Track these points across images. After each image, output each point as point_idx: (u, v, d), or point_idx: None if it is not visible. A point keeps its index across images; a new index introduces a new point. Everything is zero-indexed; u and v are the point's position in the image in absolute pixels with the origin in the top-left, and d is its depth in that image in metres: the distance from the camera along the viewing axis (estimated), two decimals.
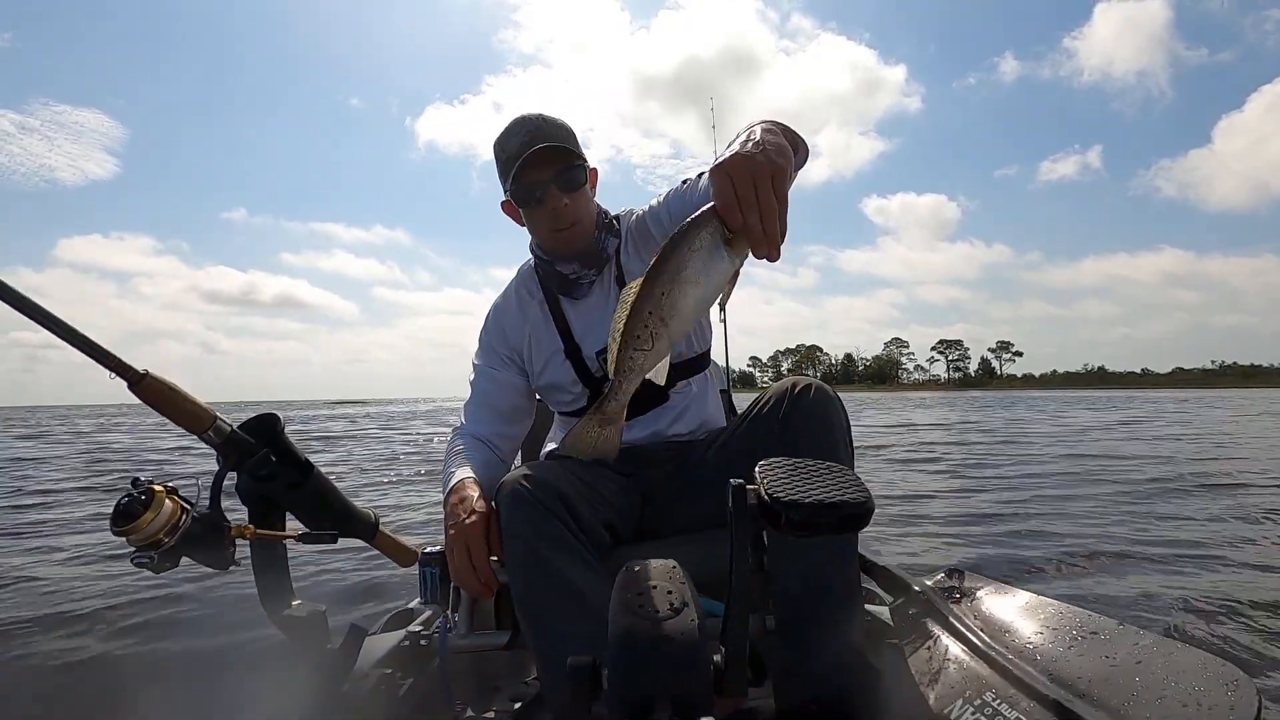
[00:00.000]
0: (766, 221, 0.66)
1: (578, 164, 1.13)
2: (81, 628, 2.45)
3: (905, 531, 3.49)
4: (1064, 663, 0.84)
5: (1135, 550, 2.97)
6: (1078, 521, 3.63)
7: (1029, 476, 5.62)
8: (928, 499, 4.54)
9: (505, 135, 1.14)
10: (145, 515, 0.78)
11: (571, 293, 1.22)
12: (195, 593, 3.14)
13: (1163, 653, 0.80)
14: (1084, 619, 0.92)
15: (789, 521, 0.57)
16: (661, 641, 0.56)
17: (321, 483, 1.04)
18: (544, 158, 1.10)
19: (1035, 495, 4.58)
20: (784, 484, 0.59)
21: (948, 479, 5.61)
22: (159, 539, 0.79)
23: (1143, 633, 0.85)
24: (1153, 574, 2.66)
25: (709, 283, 0.65)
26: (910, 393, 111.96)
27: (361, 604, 2.88)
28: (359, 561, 3.47)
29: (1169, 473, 5.61)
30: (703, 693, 0.56)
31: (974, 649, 0.95)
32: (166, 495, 0.82)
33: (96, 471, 7.26)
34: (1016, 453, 7.72)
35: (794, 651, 0.95)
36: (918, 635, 1.07)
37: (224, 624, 2.56)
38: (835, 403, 1.03)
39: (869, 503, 0.58)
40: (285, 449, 0.97)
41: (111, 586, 3.11)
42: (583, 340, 1.22)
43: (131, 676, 1.81)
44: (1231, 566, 2.75)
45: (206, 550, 0.86)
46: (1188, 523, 3.60)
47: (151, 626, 2.59)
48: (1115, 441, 9.09)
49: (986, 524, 3.66)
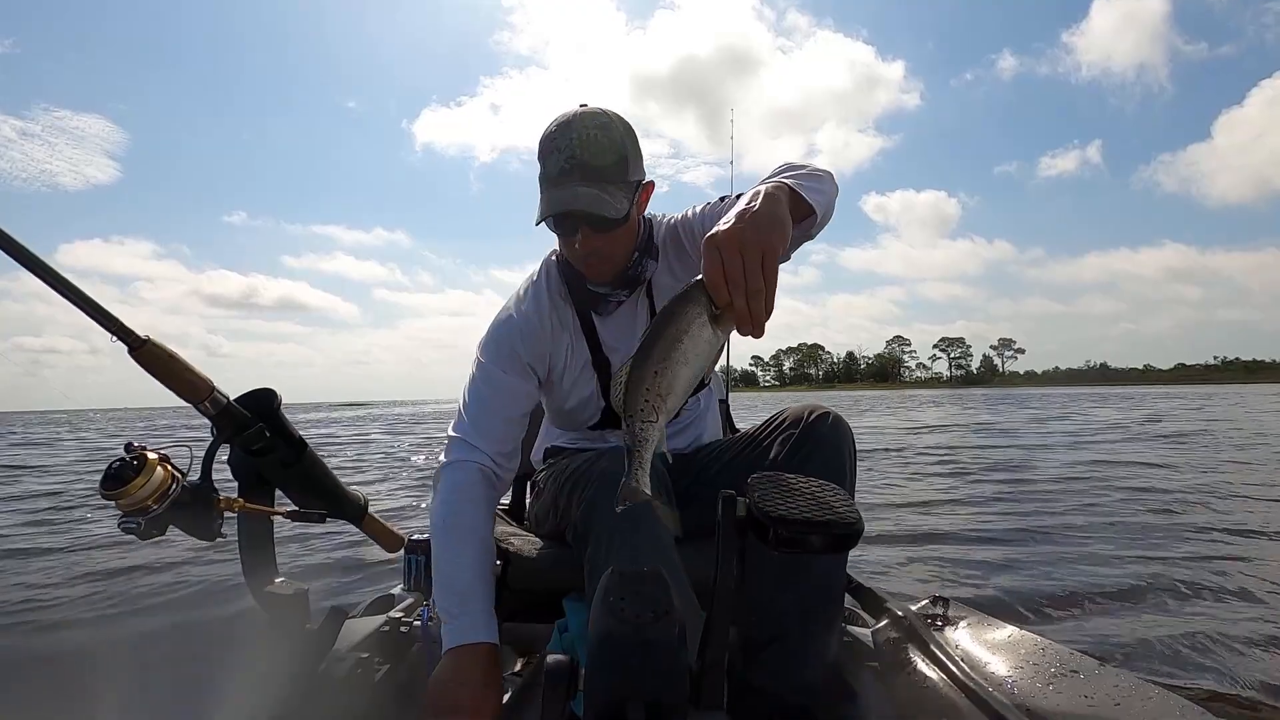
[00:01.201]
0: (752, 303, 0.65)
1: (616, 209, 1.00)
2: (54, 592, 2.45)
3: (911, 556, 3.35)
4: (1041, 699, 0.84)
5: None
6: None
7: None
8: (938, 516, 4.40)
9: (549, 143, 1.01)
10: (136, 480, 0.78)
11: (598, 308, 1.14)
12: (180, 563, 3.14)
13: (1141, 696, 0.79)
14: (1065, 656, 0.92)
15: (776, 537, 0.57)
16: (640, 646, 0.56)
17: (313, 462, 1.04)
18: (577, 182, 0.99)
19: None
20: (774, 499, 0.59)
21: (964, 489, 5.25)
22: (148, 505, 0.79)
23: (1123, 674, 0.85)
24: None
25: (698, 360, 0.67)
26: (912, 391, 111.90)
27: (344, 586, 2.88)
28: (344, 543, 3.47)
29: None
30: (678, 700, 0.55)
31: (953, 678, 0.95)
32: (159, 462, 0.82)
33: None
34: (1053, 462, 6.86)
35: (759, 667, 0.95)
36: (898, 660, 1.07)
37: (204, 597, 2.56)
38: (849, 433, 1.05)
39: (858, 524, 0.58)
40: (280, 425, 0.97)
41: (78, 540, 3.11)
42: (611, 354, 1.16)
43: (100, 647, 1.81)
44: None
45: (194, 520, 0.85)
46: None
47: (131, 597, 2.59)
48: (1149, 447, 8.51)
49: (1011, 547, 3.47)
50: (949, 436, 10.64)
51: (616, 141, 1.02)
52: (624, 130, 1.04)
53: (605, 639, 0.57)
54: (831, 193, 0.92)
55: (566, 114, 1.03)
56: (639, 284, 1.13)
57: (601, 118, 1.02)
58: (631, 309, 1.16)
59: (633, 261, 1.10)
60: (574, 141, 0.99)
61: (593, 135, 1.00)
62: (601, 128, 1.01)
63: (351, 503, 1.11)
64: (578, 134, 1.00)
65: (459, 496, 1.03)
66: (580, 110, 1.03)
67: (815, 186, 0.87)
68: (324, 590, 2.75)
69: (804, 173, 0.89)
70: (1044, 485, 5.38)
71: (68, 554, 3.50)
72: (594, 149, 0.99)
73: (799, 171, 0.89)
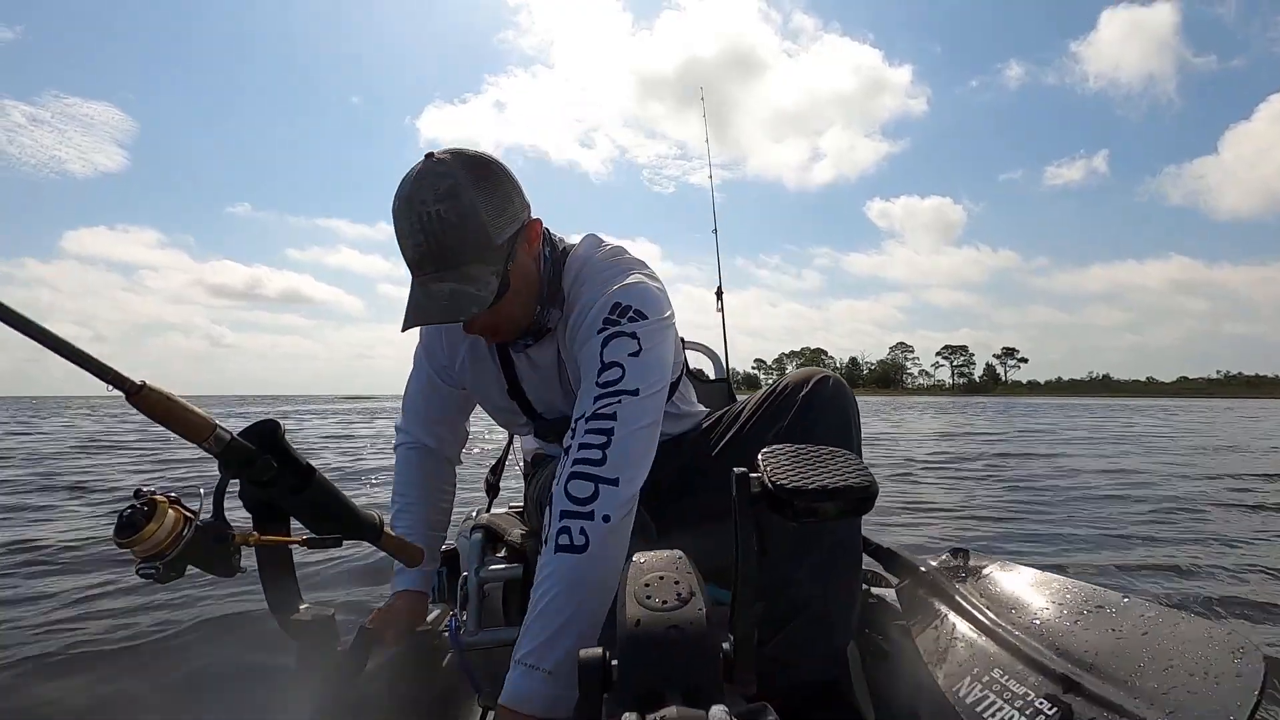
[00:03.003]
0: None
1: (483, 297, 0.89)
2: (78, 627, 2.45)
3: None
4: (1070, 637, 0.85)
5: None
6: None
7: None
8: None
9: (396, 225, 0.89)
10: (149, 526, 0.78)
11: (510, 345, 1.10)
12: (201, 599, 3.14)
13: (1169, 624, 0.80)
14: (1089, 593, 0.93)
15: (793, 508, 0.57)
16: (671, 632, 0.56)
17: (323, 486, 1.03)
18: (433, 278, 0.88)
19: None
20: (787, 471, 0.59)
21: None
22: (163, 549, 0.79)
23: (1149, 604, 0.86)
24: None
25: None
26: (915, 397, 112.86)
27: (368, 602, 2.88)
28: (365, 560, 3.47)
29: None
30: (713, 682, 0.56)
31: (980, 626, 0.95)
32: (169, 505, 0.82)
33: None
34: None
35: (785, 640, 0.96)
36: (925, 615, 1.08)
37: (229, 629, 2.57)
38: (851, 396, 1.05)
39: (873, 486, 0.58)
40: (285, 454, 0.97)
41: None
42: (525, 384, 1.14)
43: (133, 684, 1.82)
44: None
45: (211, 558, 0.85)
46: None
47: (154, 634, 2.59)
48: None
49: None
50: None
51: (468, 211, 0.87)
52: (477, 187, 0.88)
53: (635, 627, 0.57)
54: (597, 606, 0.82)
55: (408, 179, 0.89)
56: (545, 333, 1.06)
57: (446, 179, 0.87)
58: (540, 351, 1.10)
59: (534, 313, 1.02)
60: (417, 225, 0.86)
61: (436, 213, 0.86)
62: (447, 196, 0.86)
63: (366, 523, 1.11)
64: (420, 214, 0.86)
65: (405, 461, 1.24)
66: (421, 171, 0.88)
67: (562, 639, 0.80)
68: (351, 607, 2.77)
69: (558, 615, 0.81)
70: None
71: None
72: (440, 232, 0.86)
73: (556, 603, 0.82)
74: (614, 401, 0.88)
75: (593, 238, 1.10)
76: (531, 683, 0.80)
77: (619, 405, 0.88)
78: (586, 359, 0.94)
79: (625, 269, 1.02)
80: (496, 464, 1.66)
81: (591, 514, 0.83)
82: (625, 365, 0.90)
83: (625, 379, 0.89)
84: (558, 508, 0.85)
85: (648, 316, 0.95)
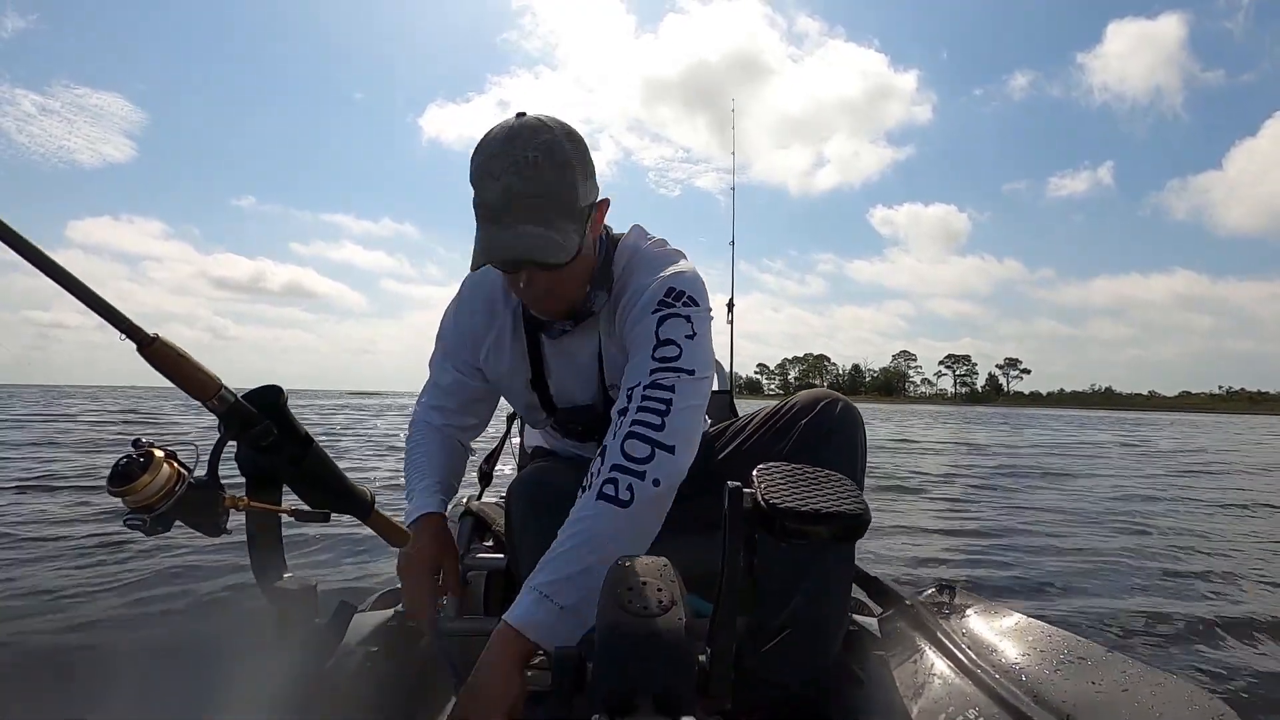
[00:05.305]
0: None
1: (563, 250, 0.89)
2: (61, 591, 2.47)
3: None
4: (1049, 685, 0.84)
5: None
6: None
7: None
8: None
9: (483, 168, 0.87)
10: (142, 478, 0.78)
11: (545, 330, 1.09)
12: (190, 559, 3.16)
13: (1151, 682, 0.79)
14: (1073, 643, 0.92)
15: (783, 528, 0.57)
16: (648, 638, 0.56)
17: (320, 457, 1.04)
18: (521, 219, 0.87)
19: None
20: (781, 490, 0.59)
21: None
22: (153, 503, 0.79)
23: (1131, 660, 0.85)
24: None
25: None
26: (917, 406, 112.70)
27: (357, 578, 2.90)
28: (352, 538, 3.49)
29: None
30: (686, 691, 0.56)
31: (960, 666, 0.95)
32: (165, 459, 0.82)
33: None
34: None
35: (767, 657, 0.95)
36: (905, 648, 1.07)
37: (213, 592, 2.58)
38: (860, 421, 1.05)
39: (865, 515, 0.58)
40: (286, 421, 0.97)
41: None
42: (551, 376, 1.13)
43: (106, 642, 1.83)
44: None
45: (200, 517, 0.86)
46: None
47: (137, 590, 2.61)
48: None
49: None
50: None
51: (564, 164, 0.87)
52: (572, 147, 0.89)
53: (612, 630, 0.57)
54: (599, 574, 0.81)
55: (502, 128, 0.88)
56: (588, 316, 1.05)
57: (545, 134, 0.87)
58: (578, 338, 1.09)
59: (583, 294, 1.01)
60: (513, 167, 0.85)
61: (534, 159, 0.85)
62: (546, 148, 0.86)
63: (358, 498, 1.12)
64: (517, 158, 0.85)
65: (419, 437, 1.19)
66: (518, 124, 0.88)
67: (573, 588, 0.80)
68: (334, 583, 2.78)
69: (573, 563, 0.82)
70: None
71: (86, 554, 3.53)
72: (537, 177, 0.86)
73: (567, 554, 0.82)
74: (672, 375, 0.89)
75: (639, 228, 1.12)
76: (543, 612, 0.80)
77: (677, 379, 0.89)
78: (640, 335, 0.95)
79: (674, 258, 1.05)
80: (491, 453, 1.67)
81: (644, 474, 0.84)
82: (681, 345, 0.92)
83: (682, 358, 0.91)
84: (610, 460, 0.85)
85: (699, 304, 0.98)
